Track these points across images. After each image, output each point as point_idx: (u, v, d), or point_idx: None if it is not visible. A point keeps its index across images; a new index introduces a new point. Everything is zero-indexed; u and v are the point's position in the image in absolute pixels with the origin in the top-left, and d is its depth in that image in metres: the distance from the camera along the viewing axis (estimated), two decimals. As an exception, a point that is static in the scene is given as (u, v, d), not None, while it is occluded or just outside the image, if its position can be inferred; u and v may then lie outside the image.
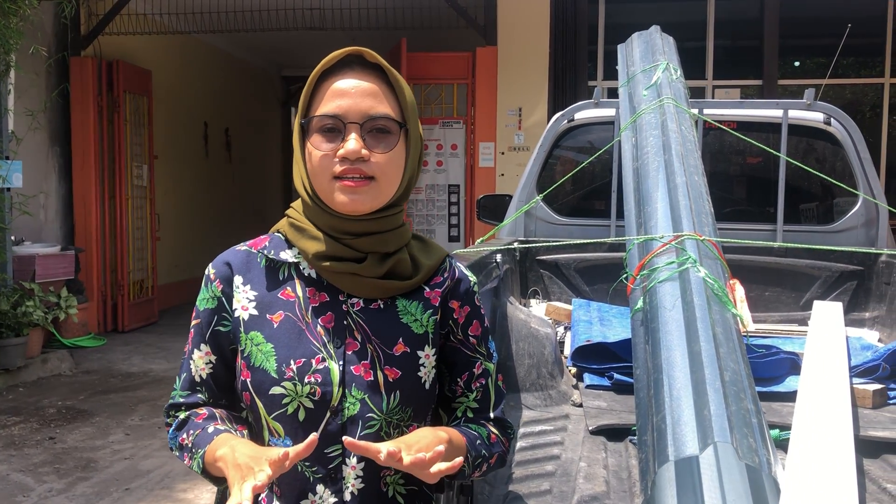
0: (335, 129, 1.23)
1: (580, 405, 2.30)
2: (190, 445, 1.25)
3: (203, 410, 1.30)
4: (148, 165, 9.06)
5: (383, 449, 1.08)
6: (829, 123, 3.79)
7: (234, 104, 11.96)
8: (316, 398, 1.22)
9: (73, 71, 8.14)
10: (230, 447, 1.16)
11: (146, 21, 8.49)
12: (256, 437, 1.29)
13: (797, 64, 9.16)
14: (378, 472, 1.25)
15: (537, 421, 2.14)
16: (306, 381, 1.21)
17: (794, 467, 1.51)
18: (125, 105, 8.50)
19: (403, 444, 1.13)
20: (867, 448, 1.91)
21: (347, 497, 1.23)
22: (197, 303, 1.33)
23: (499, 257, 2.90)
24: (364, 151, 1.21)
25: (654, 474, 1.51)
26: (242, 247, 1.34)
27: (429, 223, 8.47)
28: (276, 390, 1.22)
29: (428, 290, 1.32)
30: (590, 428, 2.05)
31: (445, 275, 1.35)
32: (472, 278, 1.40)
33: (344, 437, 1.13)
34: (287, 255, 1.30)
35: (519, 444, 1.91)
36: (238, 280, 1.29)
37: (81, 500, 3.98)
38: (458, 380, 1.36)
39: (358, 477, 1.23)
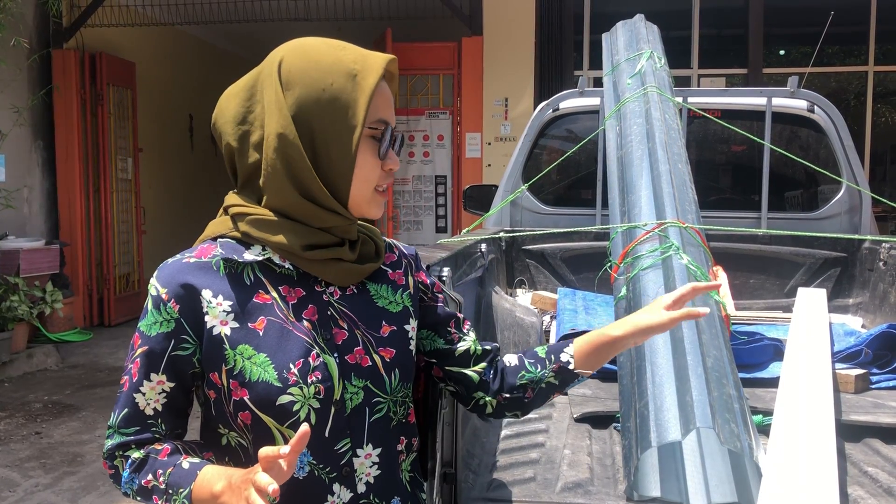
0: (378, 136, 1.21)
1: (565, 393, 2.30)
2: (163, 487, 1.12)
3: (164, 445, 1.17)
4: (133, 158, 8.98)
5: None
6: (812, 111, 3.80)
7: (220, 96, 11.87)
8: (321, 396, 1.16)
9: (56, 64, 8.05)
10: (227, 479, 1.06)
11: (129, 12, 8.41)
12: (253, 458, 1.15)
13: (782, 52, 9.19)
14: (396, 457, 1.24)
15: (522, 409, 2.14)
16: (310, 381, 1.16)
17: (775, 452, 1.52)
18: (109, 98, 8.42)
19: None
20: (849, 432, 1.93)
21: (362, 488, 1.20)
22: (142, 328, 1.17)
23: (484, 247, 2.89)
24: None
25: (637, 460, 1.52)
26: (190, 259, 1.21)
27: (416, 214, 8.45)
28: (283, 399, 1.14)
29: (391, 271, 1.32)
30: (574, 415, 2.05)
31: (395, 252, 1.36)
32: (413, 247, 1.43)
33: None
34: (251, 255, 1.21)
35: (503, 433, 1.91)
36: (207, 294, 1.17)
37: (68, 495, 3.96)
38: (449, 329, 1.36)
39: (374, 464, 1.21)
